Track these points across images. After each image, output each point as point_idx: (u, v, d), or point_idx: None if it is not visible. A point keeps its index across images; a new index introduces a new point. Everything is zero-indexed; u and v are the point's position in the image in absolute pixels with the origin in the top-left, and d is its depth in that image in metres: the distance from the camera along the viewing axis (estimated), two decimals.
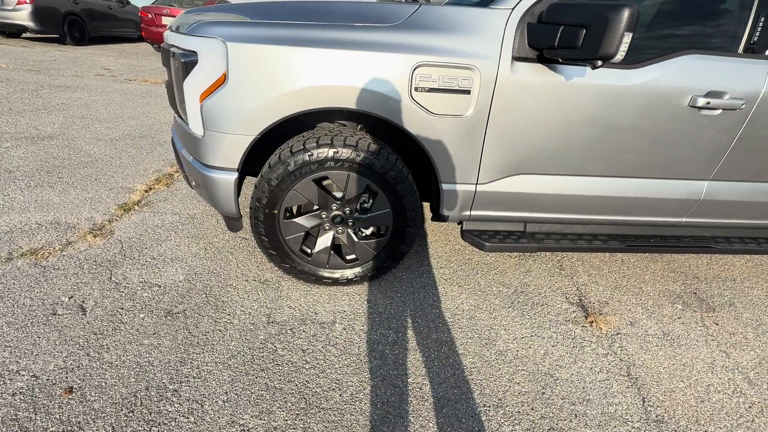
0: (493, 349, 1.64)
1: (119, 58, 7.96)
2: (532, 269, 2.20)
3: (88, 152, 3.10)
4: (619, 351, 1.70)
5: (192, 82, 1.45)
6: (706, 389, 1.56)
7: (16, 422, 1.17)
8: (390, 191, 1.64)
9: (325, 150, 1.53)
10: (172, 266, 1.91)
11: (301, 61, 1.37)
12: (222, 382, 1.37)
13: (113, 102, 4.61)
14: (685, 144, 1.66)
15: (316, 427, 1.26)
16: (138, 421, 1.21)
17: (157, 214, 2.35)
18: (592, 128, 1.58)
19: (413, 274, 2.07)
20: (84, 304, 1.62)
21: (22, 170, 2.68)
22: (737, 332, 1.89)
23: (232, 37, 1.37)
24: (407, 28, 1.42)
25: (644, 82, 1.51)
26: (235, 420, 1.25)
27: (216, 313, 1.66)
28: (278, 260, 1.78)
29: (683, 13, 1.57)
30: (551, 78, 1.47)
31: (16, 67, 5.87)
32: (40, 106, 4.09)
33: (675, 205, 1.85)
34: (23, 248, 1.91)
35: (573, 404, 1.43)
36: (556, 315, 1.87)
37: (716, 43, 1.56)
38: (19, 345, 1.41)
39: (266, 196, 1.61)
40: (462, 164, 1.61)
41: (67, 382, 1.30)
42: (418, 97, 1.44)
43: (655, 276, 2.26)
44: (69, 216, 2.22)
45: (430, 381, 1.47)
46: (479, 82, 1.44)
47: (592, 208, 1.84)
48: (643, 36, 1.53)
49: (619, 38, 1.17)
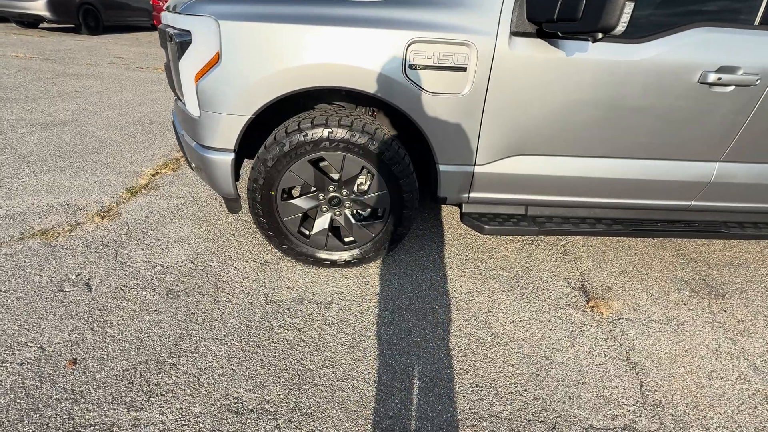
0: (489, 331, 1.64)
1: (132, 47, 8.05)
2: (535, 254, 2.17)
3: (99, 138, 3.17)
4: (620, 336, 1.67)
5: (187, 63, 1.46)
6: (708, 375, 1.52)
7: (23, 390, 1.23)
8: (387, 172, 1.63)
9: (319, 130, 1.53)
10: (175, 247, 1.96)
11: (293, 38, 1.35)
12: (218, 357, 1.40)
13: (125, 89, 4.68)
14: (694, 123, 1.59)
15: (308, 401, 1.28)
16: (137, 391, 1.26)
17: (162, 197, 2.39)
18: (594, 106, 1.52)
19: (412, 257, 2.06)
20: (90, 282, 1.68)
21: (36, 155, 2.76)
22: (746, 319, 1.83)
23: (224, 14, 1.36)
24: (401, 3, 1.38)
25: (650, 57, 1.44)
26: (229, 393, 1.28)
27: (216, 292, 1.70)
28: (276, 241, 1.80)
29: None
30: (551, 53, 1.41)
31: (33, 56, 6.00)
32: (54, 94, 4.19)
33: (684, 187, 1.78)
34: (35, 228, 1.98)
35: (567, 386, 1.42)
36: (556, 299, 1.85)
37: (729, 15, 1.47)
38: (28, 319, 1.47)
39: (263, 177, 1.61)
40: (459, 145, 1.58)
41: (71, 353, 1.36)
42: (412, 75, 1.41)
43: (663, 262, 2.20)
44: (78, 198, 2.28)
45: (423, 361, 1.47)
46: (476, 58, 1.40)
47: (596, 191, 1.79)
48: (650, 8, 1.46)
49: (620, 8, 1.11)
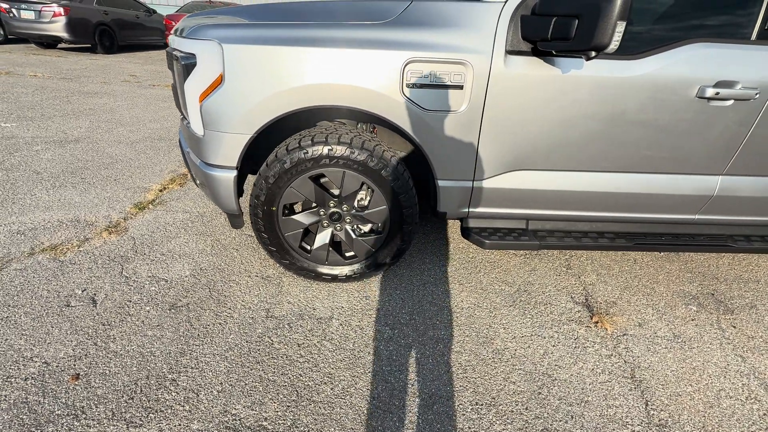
0: (490, 347, 1.62)
1: (145, 65, 8.32)
2: (538, 268, 2.15)
3: (110, 154, 3.26)
4: (624, 352, 1.64)
5: (192, 84, 1.51)
6: (717, 394, 1.48)
7: (26, 405, 1.24)
8: (386, 188, 1.65)
9: (320, 147, 1.56)
10: (179, 262, 1.99)
11: (294, 60, 1.40)
12: (218, 373, 1.41)
13: (136, 106, 4.82)
14: (694, 137, 1.58)
15: (306, 419, 1.28)
16: (137, 407, 1.27)
17: (169, 212, 2.44)
18: (591, 122, 1.53)
19: (413, 271, 2.06)
20: (95, 297, 1.71)
21: (49, 171, 2.84)
22: (756, 336, 1.78)
23: (227, 38, 1.41)
24: (398, 24, 1.42)
25: (647, 73, 1.45)
26: (227, 410, 1.29)
27: (217, 307, 1.71)
28: (278, 256, 1.82)
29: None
30: (547, 71, 1.43)
31: (50, 75, 6.23)
32: (69, 112, 4.33)
33: (686, 201, 1.77)
34: (45, 244, 2.03)
35: (570, 405, 1.39)
36: (559, 314, 1.82)
37: (726, 30, 1.47)
38: (34, 333, 1.50)
39: (264, 194, 1.64)
40: (457, 160, 1.59)
41: (74, 369, 1.38)
42: (410, 93, 1.44)
43: (669, 276, 2.16)
44: (88, 214, 2.34)
45: (422, 378, 1.46)
46: (472, 76, 1.42)
47: (597, 205, 1.78)
48: (645, 25, 1.47)
49: (612, 27, 1.13)
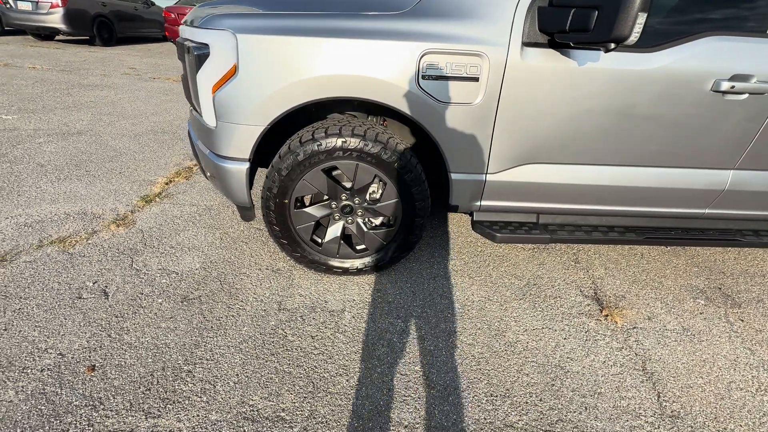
0: (502, 340, 1.63)
1: (144, 58, 8.23)
2: (546, 262, 2.16)
3: (114, 147, 3.24)
4: (635, 345, 1.65)
5: (204, 75, 1.49)
6: (727, 386, 1.50)
7: (44, 396, 1.24)
8: (399, 181, 1.65)
9: (333, 140, 1.55)
10: (189, 254, 1.98)
11: (308, 51, 1.38)
12: (233, 365, 1.41)
13: (138, 99, 4.78)
14: (707, 131, 1.58)
15: (323, 410, 1.29)
16: (154, 398, 1.27)
17: (176, 205, 2.43)
18: (606, 115, 1.53)
19: (424, 264, 2.07)
20: (107, 289, 1.71)
21: (53, 164, 2.82)
22: (765, 329, 1.80)
23: (242, 28, 1.40)
24: (414, 15, 1.41)
25: (662, 66, 1.44)
26: (245, 401, 1.29)
27: (229, 300, 1.71)
28: (289, 249, 1.82)
29: None
30: (563, 63, 1.43)
31: (49, 67, 6.16)
32: (70, 104, 4.29)
33: (697, 195, 1.77)
34: (53, 236, 2.02)
35: (583, 397, 1.41)
36: (569, 308, 1.83)
37: (741, 23, 1.47)
38: (48, 325, 1.50)
39: (277, 186, 1.64)
40: (471, 153, 1.59)
41: (90, 360, 1.38)
42: (425, 85, 1.43)
43: (677, 270, 2.17)
44: (94, 207, 2.33)
45: (436, 370, 1.47)
46: (488, 68, 1.41)
47: (609, 199, 1.78)
48: (660, 17, 1.47)
49: (633, 19, 1.12)
